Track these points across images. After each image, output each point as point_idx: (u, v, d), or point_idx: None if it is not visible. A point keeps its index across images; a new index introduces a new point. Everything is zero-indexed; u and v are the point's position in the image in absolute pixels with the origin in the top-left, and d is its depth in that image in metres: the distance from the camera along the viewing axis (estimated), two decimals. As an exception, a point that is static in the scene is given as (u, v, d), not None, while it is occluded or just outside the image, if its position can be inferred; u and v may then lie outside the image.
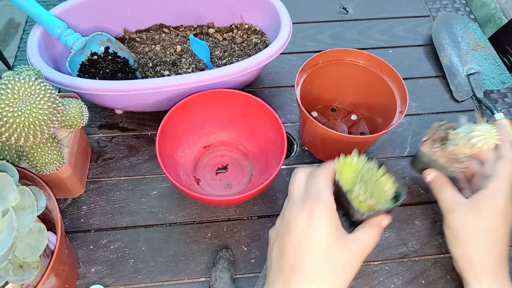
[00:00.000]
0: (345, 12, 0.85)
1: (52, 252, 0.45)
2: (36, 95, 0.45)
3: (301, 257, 0.35)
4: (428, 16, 0.85)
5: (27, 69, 0.50)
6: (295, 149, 0.66)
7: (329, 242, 0.34)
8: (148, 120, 0.67)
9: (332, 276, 0.34)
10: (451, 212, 0.48)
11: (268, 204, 0.60)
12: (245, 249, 0.56)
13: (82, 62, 0.65)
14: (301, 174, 0.40)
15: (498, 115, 0.67)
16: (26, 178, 0.49)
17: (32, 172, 0.48)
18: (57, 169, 0.51)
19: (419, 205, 0.61)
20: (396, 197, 0.40)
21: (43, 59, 0.58)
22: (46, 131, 0.46)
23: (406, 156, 0.65)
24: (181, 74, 0.68)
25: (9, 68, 1.07)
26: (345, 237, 0.36)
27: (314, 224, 0.35)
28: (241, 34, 0.73)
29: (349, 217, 0.39)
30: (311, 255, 0.34)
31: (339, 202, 0.39)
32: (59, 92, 0.63)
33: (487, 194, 0.46)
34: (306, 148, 0.65)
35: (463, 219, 0.47)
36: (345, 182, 0.39)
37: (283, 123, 0.56)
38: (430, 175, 0.51)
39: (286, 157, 0.64)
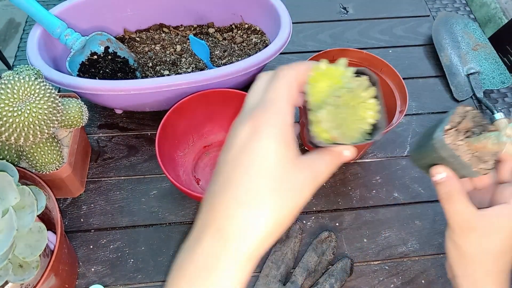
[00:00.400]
0: (345, 12, 0.85)
1: (52, 251, 0.45)
2: (36, 95, 0.45)
3: (235, 174, 0.27)
4: (428, 16, 0.85)
5: (27, 68, 0.50)
6: (295, 149, 0.65)
7: (274, 159, 0.27)
8: (148, 120, 0.67)
9: (272, 200, 0.27)
10: (465, 231, 0.39)
11: (268, 204, 0.59)
12: (245, 248, 0.56)
13: (82, 61, 0.65)
14: (263, 78, 0.31)
15: (498, 115, 0.67)
16: (26, 178, 0.49)
17: (32, 172, 0.48)
18: (57, 169, 0.51)
19: (419, 204, 0.61)
20: (372, 132, 0.30)
21: (43, 59, 0.58)
22: (46, 131, 0.46)
23: (406, 156, 0.65)
24: (181, 73, 0.68)
25: (9, 68, 1.07)
26: (298, 159, 0.28)
27: (258, 136, 0.27)
28: (241, 33, 0.73)
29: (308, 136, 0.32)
30: (248, 172, 0.27)
31: (305, 116, 0.31)
32: (59, 92, 0.63)
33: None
34: (306, 148, 0.65)
35: (479, 241, 0.39)
36: (314, 98, 0.30)
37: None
38: (440, 175, 0.39)
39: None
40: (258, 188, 0.27)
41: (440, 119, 0.38)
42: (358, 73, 0.30)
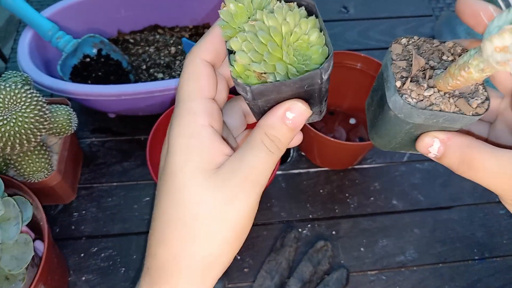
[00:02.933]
0: (346, 11, 0.83)
1: (41, 261, 0.44)
2: (22, 103, 0.44)
3: (158, 206, 0.24)
4: (431, 15, 0.83)
5: (15, 75, 0.49)
6: (291, 154, 0.64)
7: (187, 183, 0.22)
8: (142, 124, 0.66)
9: (199, 232, 0.22)
10: None
11: (263, 212, 0.58)
12: (238, 257, 0.55)
13: (75, 65, 0.64)
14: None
15: None
16: (13, 187, 0.48)
17: (19, 181, 0.47)
18: (46, 177, 0.50)
19: (418, 212, 0.59)
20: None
21: (34, 62, 0.57)
22: (33, 140, 0.45)
23: (405, 161, 0.64)
24: (175, 77, 0.67)
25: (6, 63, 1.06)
26: (222, 167, 0.23)
27: (170, 156, 0.23)
28: (238, 35, 0.71)
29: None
30: (165, 205, 0.23)
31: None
32: (51, 96, 0.62)
33: None
34: (302, 153, 0.64)
35: None
36: (232, 35, 0.23)
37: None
38: (433, 147, 0.25)
39: (282, 162, 0.63)
40: (177, 222, 0.23)
41: (379, 75, 0.26)
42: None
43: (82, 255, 0.54)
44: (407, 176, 0.62)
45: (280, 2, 0.24)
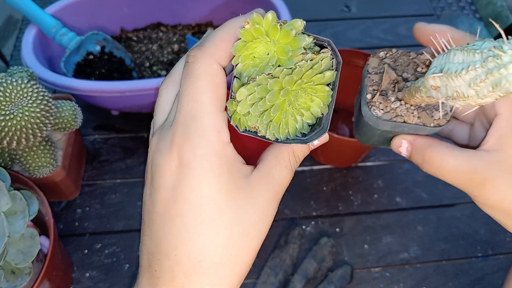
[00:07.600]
0: (348, 10, 0.83)
1: (46, 257, 0.44)
2: (29, 98, 0.44)
3: (172, 232, 0.21)
4: (433, 15, 0.83)
5: (20, 70, 0.49)
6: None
7: (218, 203, 0.21)
8: (145, 121, 0.66)
9: (227, 257, 0.22)
10: (483, 185, 0.26)
11: (267, 208, 0.58)
12: (243, 254, 0.55)
13: (78, 62, 0.64)
14: (176, 71, 0.24)
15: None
16: (18, 182, 0.48)
17: (25, 176, 0.47)
18: (50, 173, 0.50)
19: (422, 209, 0.59)
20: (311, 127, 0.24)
21: (38, 59, 0.57)
22: (39, 134, 0.45)
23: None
24: (179, 74, 0.67)
25: (8, 65, 1.06)
26: (249, 181, 0.22)
27: (189, 176, 0.21)
28: (241, 33, 0.71)
29: None
30: (189, 230, 0.21)
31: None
32: (54, 93, 0.62)
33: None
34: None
35: (508, 184, 0.27)
36: (243, 62, 0.22)
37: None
38: (403, 147, 0.28)
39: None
40: (205, 248, 0.21)
41: (362, 80, 0.29)
42: (319, 46, 0.23)
43: (86, 251, 0.54)
44: (410, 173, 0.62)
45: (313, 48, 0.23)
